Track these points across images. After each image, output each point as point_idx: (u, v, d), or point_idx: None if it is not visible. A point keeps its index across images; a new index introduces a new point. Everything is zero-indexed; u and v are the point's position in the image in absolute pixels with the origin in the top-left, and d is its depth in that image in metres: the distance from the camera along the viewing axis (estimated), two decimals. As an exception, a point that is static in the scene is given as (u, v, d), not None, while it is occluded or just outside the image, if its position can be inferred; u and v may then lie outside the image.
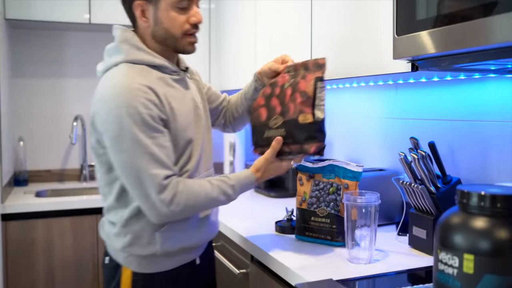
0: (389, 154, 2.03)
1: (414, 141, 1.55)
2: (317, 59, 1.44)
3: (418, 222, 1.55)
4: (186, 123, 1.37)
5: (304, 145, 1.37)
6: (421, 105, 1.85)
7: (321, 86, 1.37)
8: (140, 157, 1.25)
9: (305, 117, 1.36)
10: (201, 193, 1.33)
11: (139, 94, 1.25)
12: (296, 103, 1.38)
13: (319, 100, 1.36)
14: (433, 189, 1.49)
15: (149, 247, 1.36)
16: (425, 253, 1.52)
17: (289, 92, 1.42)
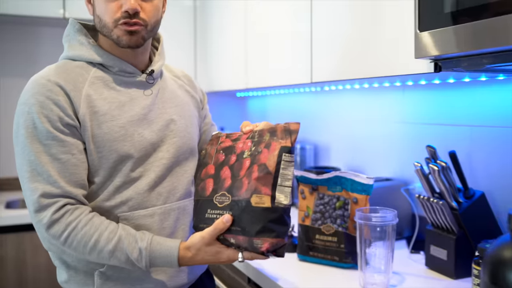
0: (395, 162, 1.86)
1: (431, 150, 1.39)
2: (289, 123, 1.10)
3: (437, 241, 1.38)
4: (120, 134, 1.11)
5: (255, 240, 1.03)
6: (432, 108, 1.69)
7: (287, 160, 1.05)
8: (24, 165, 1.05)
9: (261, 200, 1.02)
10: (93, 238, 1.05)
11: (40, 91, 1.06)
12: (251, 179, 1.05)
13: (284, 179, 1.04)
14: (454, 205, 1.33)
15: (84, 287, 1.13)
16: (446, 275, 1.35)
17: (246, 163, 1.09)
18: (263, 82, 2.06)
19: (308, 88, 2.30)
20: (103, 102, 1.11)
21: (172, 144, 1.19)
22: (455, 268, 1.32)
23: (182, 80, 1.33)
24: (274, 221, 1.03)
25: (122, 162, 1.11)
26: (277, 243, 1.03)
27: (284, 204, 1.04)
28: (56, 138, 1.05)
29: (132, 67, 1.16)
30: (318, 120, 2.38)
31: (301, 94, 2.49)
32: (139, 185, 1.13)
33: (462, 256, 1.33)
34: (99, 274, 1.10)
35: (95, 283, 1.11)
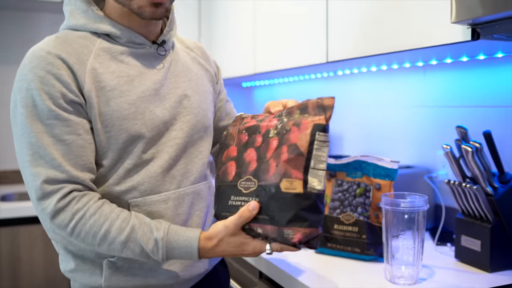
0: (415, 149, 1.74)
1: (462, 131, 1.26)
2: (322, 98, 0.95)
3: (468, 231, 1.26)
4: (130, 111, 0.99)
5: (285, 229, 0.90)
6: (457, 89, 1.56)
7: (322, 139, 0.91)
8: (24, 148, 0.93)
9: (291, 185, 0.90)
10: (103, 228, 0.94)
11: (39, 65, 0.93)
12: (280, 161, 0.92)
13: (317, 161, 0.90)
14: (490, 190, 1.20)
15: (91, 278, 1.02)
16: (479, 268, 1.23)
17: (274, 143, 0.96)
18: (272, 65, 1.93)
19: (320, 73, 2.17)
20: (111, 77, 0.98)
21: (186, 122, 1.07)
22: (491, 260, 1.19)
23: (194, 52, 1.20)
24: (307, 209, 0.90)
25: (133, 142, 0.99)
26: (310, 233, 0.90)
27: (317, 189, 0.90)
28: (59, 117, 0.93)
29: (141, 38, 1.03)
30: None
31: (311, 81, 2.37)
32: (151, 167, 1.01)
33: (498, 247, 1.20)
34: (108, 264, 1.00)
35: (104, 274, 1.00)
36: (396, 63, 1.68)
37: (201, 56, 1.21)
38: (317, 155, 0.90)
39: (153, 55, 1.05)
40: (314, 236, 0.91)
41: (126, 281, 1.01)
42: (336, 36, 1.52)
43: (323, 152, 0.91)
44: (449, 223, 1.54)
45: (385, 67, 1.77)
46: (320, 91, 2.31)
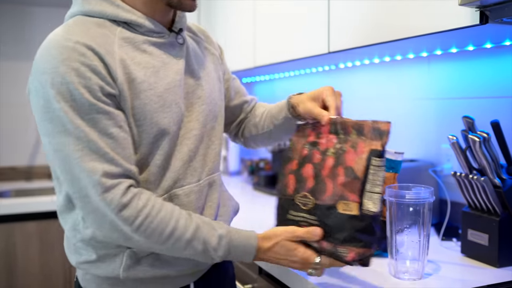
0: (419, 142, 1.69)
1: (469, 121, 1.21)
2: (378, 122, 0.96)
3: (476, 225, 1.21)
4: (159, 104, 0.96)
5: (340, 248, 0.94)
6: (463, 81, 1.51)
7: (377, 164, 0.94)
8: (70, 144, 0.87)
9: (347, 207, 0.94)
10: (169, 225, 0.91)
11: (71, 57, 0.86)
12: (337, 183, 0.96)
13: (373, 185, 0.93)
14: (498, 182, 1.16)
15: (108, 268, 0.98)
16: (487, 263, 1.18)
17: (330, 162, 0.98)
18: (273, 58, 1.89)
19: (321, 67, 2.13)
20: (138, 68, 0.94)
21: (201, 112, 1.05)
22: (499, 254, 1.15)
23: (199, 37, 1.15)
24: (362, 230, 0.93)
25: (162, 136, 0.97)
26: (363, 253, 0.93)
27: (373, 211, 0.93)
28: (100, 110, 0.88)
29: (160, 26, 0.99)
30: (331, 102, 2.21)
31: (312, 75, 2.32)
32: (175, 162, 0.99)
33: (506, 241, 1.16)
34: (129, 254, 0.96)
35: (123, 264, 0.96)
36: (400, 54, 1.63)
37: (205, 40, 1.17)
38: (373, 179, 0.93)
39: (171, 44, 1.01)
40: (366, 256, 0.94)
41: (145, 272, 0.98)
42: (338, 25, 1.48)
43: (378, 177, 0.93)
44: (455, 218, 1.50)
45: (388, 58, 1.73)
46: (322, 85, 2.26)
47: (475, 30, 1.09)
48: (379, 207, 0.93)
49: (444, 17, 1.09)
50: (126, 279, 0.97)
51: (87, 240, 0.97)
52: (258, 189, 2.27)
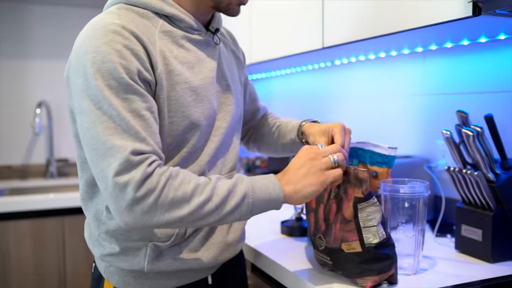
0: (414, 139, 1.69)
1: (463, 116, 1.21)
2: (357, 171, 0.99)
3: (469, 220, 1.20)
4: (193, 98, 0.98)
5: (358, 280, 1.00)
6: (458, 76, 1.51)
7: (363, 207, 0.98)
8: (104, 122, 0.85)
9: (350, 246, 1.00)
10: (191, 183, 0.88)
11: (115, 39, 0.87)
12: (337, 228, 1.03)
13: (365, 221, 0.98)
14: (491, 176, 1.15)
15: (133, 261, 1.00)
16: (480, 259, 1.17)
17: (334, 208, 1.05)
18: (269, 54, 1.88)
19: (317, 64, 2.12)
20: (175, 61, 0.96)
21: (228, 112, 1.09)
22: (492, 250, 1.14)
23: (227, 39, 1.20)
24: (371, 261, 0.98)
25: (191, 130, 0.99)
26: (380, 278, 0.99)
27: (375, 242, 0.97)
28: (136, 91, 0.88)
29: (199, 24, 1.02)
30: (327, 99, 2.20)
31: (308, 72, 2.32)
32: (201, 156, 1.03)
33: (500, 236, 1.15)
34: (152, 247, 0.98)
35: (147, 257, 0.99)
36: (395, 50, 1.63)
37: (232, 42, 1.23)
38: (363, 217, 0.98)
39: (206, 43, 1.04)
40: (388, 276, 1.00)
41: (168, 265, 1.00)
42: (332, 20, 1.47)
43: (368, 213, 0.98)
44: (449, 215, 1.49)
45: (383, 54, 1.72)
46: (317, 82, 2.26)
47: (469, 23, 1.09)
48: (380, 236, 0.97)
49: (437, 9, 1.08)
50: (150, 271, 1.00)
51: (111, 232, 1.00)
52: (253, 187, 2.26)
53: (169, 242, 0.98)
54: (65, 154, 2.84)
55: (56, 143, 2.80)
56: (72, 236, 2.22)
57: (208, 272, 1.09)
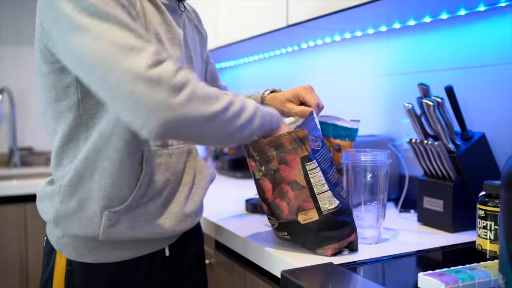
0: (380, 119, 1.70)
1: (424, 88, 1.21)
2: (295, 132, 0.96)
3: (431, 191, 1.21)
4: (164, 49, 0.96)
5: (318, 250, 0.99)
6: (421, 54, 1.52)
7: (312, 168, 0.96)
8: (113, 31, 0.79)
9: (307, 216, 0.97)
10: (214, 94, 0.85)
11: None
12: (290, 200, 0.98)
13: (318, 187, 0.96)
14: (452, 147, 1.16)
15: (88, 227, 0.96)
16: (441, 229, 1.18)
17: (268, 186, 1.00)
18: (235, 36, 1.87)
19: (284, 48, 2.12)
20: (149, 11, 0.95)
21: None
22: (453, 220, 1.15)
23: (191, 14, 1.17)
24: (329, 229, 0.97)
25: None
26: (340, 245, 0.98)
27: (331, 208, 0.96)
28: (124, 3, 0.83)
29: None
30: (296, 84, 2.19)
31: (276, 58, 2.31)
32: None
33: (460, 206, 1.16)
34: (109, 214, 0.94)
35: (103, 224, 0.95)
36: (360, 30, 1.63)
37: (196, 19, 1.21)
38: (316, 182, 0.96)
39: (172, 8, 1.02)
40: (348, 243, 0.99)
41: (124, 233, 0.97)
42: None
43: (318, 177, 0.96)
44: (413, 193, 1.50)
45: (348, 35, 1.72)
46: (285, 68, 2.25)
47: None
48: (336, 202, 0.96)
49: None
50: (105, 240, 0.96)
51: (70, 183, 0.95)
52: (222, 173, 2.24)
53: (125, 204, 0.95)
54: (29, 142, 2.76)
55: (19, 131, 2.72)
56: (34, 223, 2.16)
57: (165, 243, 1.06)
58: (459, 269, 0.81)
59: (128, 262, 1.01)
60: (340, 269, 0.89)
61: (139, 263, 1.02)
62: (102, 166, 0.94)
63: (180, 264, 1.11)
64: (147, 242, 1.02)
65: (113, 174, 0.93)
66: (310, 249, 1.00)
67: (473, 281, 0.77)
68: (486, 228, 0.94)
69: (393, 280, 0.90)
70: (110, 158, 0.93)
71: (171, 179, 1.02)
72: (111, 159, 0.93)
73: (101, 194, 0.94)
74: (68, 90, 0.93)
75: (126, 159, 0.94)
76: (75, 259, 0.98)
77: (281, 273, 0.87)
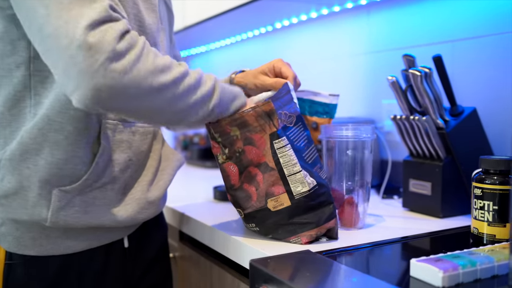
0: (359, 100, 1.58)
1: (409, 59, 1.10)
2: (259, 106, 0.84)
3: (418, 173, 1.10)
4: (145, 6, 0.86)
5: (292, 239, 0.86)
6: (403, 30, 1.41)
7: (281, 145, 0.84)
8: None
9: (277, 202, 0.84)
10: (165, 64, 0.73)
11: None
12: (258, 184, 0.85)
13: (289, 167, 0.83)
14: (441, 123, 1.05)
15: (34, 208, 0.81)
16: (429, 215, 1.07)
17: (233, 170, 0.88)
18: (203, 14, 1.73)
19: (257, 29, 1.99)
20: None
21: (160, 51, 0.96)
22: (442, 203, 1.04)
23: None
24: (303, 214, 0.84)
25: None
26: (317, 233, 0.85)
27: (305, 191, 0.83)
28: None
29: None
30: (269, 69, 2.07)
31: (249, 41, 2.18)
32: None
33: (450, 188, 1.05)
34: (58, 194, 0.80)
35: (52, 206, 0.80)
36: (337, 4, 1.52)
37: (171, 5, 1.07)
38: (286, 162, 0.84)
39: None
40: (326, 230, 0.86)
41: (76, 219, 0.83)
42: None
43: (288, 156, 0.84)
44: (396, 180, 1.39)
45: (325, 10, 1.60)
46: (260, 51, 2.12)
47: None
48: (309, 183, 0.83)
49: None
50: (53, 226, 0.82)
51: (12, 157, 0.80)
52: (191, 163, 2.10)
53: (78, 183, 0.81)
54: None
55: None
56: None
57: (124, 232, 0.93)
58: (457, 254, 0.69)
59: (80, 254, 0.86)
60: (318, 257, 0.76)
61: (93, 256, 0.88)
62: (54, 139, 0.79)
63: (140, 257, 0.98)
64: (103, 231, 0.88)
65: (67, 149, 0.80)
66: (282, 239, 0.87)
67: (475, 267, 0.65)
68: (484, 209, 0.83)
69: (381, 268, 0.77)
70: (64, 130, 0.79)
71: (134, 160, 0.89)
72: (65, 131, 0.79)
73: (51, 171, 0.80)
74: (18, 43, 0.78)
75: (82, 132, 0.81)
76: (16, 252, 0.84)
77: (250, 263, 0.74)
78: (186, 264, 1.19)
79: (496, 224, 0.81)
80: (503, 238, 0.81)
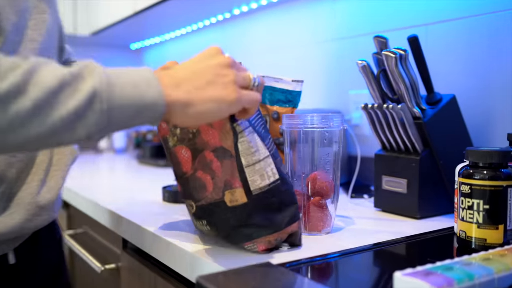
0: (324, 91, 1.46)
1: (382, 41, 0.98)
2: None
3: (391, 168, 0.98)
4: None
5: (246, 245, 0.72)
6: (373, 14, 1.29)
7: (240, 130, 0.70)
8: None
9: (233, 196, 0.70)
10: None
11: None
12: (215, 172, 0.71)
13: (247, 156, 0.69)
14: (418, 111, 0.93)
15: None
16: (404, 215, 0.95)
17: (184, 153, 0.74)
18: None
19: (214, 17, 1.84)
20: None
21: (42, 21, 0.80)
22: (419, 202, 0.92)
23: None
24: (261, 215, 0.69)
25: None
26: (277, 237, 0.71)
27: (264, 185, 0.69)
28: None
29: None
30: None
31: (206, 30, 2.03)
32: None
33: (428, 185, 0.93)
34: None
35: None
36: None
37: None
38: (244, 149, 0.69)
39: None
40: (288, 236, 0.72)
41: None
42: None
43: (246, 143, 0.69)
44: (365, 176, 1.28)
45: (287, -7, 1.47)
46: (217, 40, 1.97)
47: None
48: (270, 175, 0.70)
49: None
50: None
51: None
52: (143, 162, 1.93)
53: None
54: None
55: None
56: None
57: (9, 246, 0.79)
58: (449, 264, 0.57)
59: None
60: (280, 270, 0.62)
61: None
62: None
63: (31, 276, 0.83)
64: None
65: None
66: (235, 244, 0.73)
67: (473, 282, 0.53)
68: (472, 209, 0.71)
69: (356, 283, 0.64)
70: None
71: (19, 156, 0.75)
72: None
73: None
74: None
75: None
76: None
77: (196, 280, 0.59)
78: (129, 276, 1.03)
79: (487, 226, 0.70)
80: (495, 243, 0.69)
